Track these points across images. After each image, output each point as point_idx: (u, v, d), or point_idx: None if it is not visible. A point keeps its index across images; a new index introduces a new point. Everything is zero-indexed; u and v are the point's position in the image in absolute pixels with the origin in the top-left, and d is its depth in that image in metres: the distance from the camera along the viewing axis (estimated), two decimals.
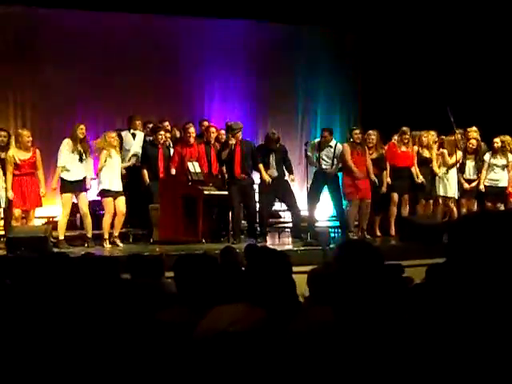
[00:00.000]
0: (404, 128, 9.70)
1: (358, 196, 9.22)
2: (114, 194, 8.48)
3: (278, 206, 10.14)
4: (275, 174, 9.08)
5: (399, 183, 9.56)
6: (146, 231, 9.14)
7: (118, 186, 8.54)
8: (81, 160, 8.38)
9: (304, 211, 9.38)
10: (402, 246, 8.55)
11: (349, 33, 13.40)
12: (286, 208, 9.64)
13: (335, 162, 9.28)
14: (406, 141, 9.63)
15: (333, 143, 9.38)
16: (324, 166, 9.26)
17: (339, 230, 9.68)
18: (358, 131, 9.44)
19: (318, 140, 9.56)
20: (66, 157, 8.35)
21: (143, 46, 11.87)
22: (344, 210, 9.36)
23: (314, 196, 9.26)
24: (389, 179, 9.55)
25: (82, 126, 8.52)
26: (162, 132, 9.35)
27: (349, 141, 9.47)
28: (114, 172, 8.52)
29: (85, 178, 8.46)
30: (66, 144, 8.41)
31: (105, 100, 11.61)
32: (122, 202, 8.51)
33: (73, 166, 8.34)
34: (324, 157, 9.29)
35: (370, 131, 9.68)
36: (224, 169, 9.26)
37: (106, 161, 8.47)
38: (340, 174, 9.44)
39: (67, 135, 8.63)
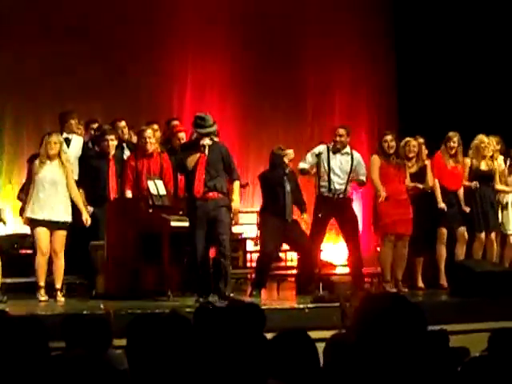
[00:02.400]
0: (450, 133, 9.77)
1: (396, 231, 9.26)
2: (47, 225, 8.45)
3: None
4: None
5: (448, 212, 9.62)
6: (85, 280, 9.13)
7: (54, 214, 8.47)
8: None
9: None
10: (453, 303, 8.57)
11: None
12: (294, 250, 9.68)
13: (349, 181, 9.34)
14: (453, 151, 9.70)
15: (348, 150, 9.44)
16: (336, 186, 9.29)
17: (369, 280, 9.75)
18: (390, 137, 9.49)
19: (323, 146, 9.54)
20: None
21: (91, 19, 12.01)
22: (360, 250, 9.42)
23: (318, 230, 9.31)
24: (443, 205, 9.57)
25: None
26: (111, 136, 9.33)
27: (378, 150, 9.52)
28: (49, 193, 8.47)
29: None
30: None
31: (26, 92, 11.67)
32: (57, 236, 8.49)
33: None
34: (336, 169, 9.31)
35: (409, 138, 9.75)
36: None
37: (36, 175, 8.49)
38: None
39: None
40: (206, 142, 8.28)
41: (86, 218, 8.63)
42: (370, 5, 13.68)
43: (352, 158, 9.37)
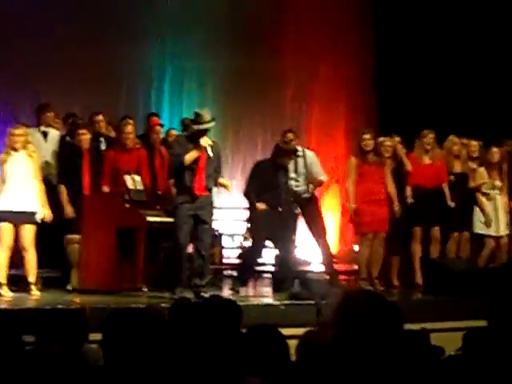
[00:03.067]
0: (425, 131, 9.82)
1: (373, 229, 9.31)
2: (14, 218, 8.37)
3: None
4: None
5: (424, 210, 9.65)
6: (60, 274, 9.09)
7: (23, 205, 8.42)
8: None
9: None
10: (428, 302, 8.61)
11: None
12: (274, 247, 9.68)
13: (309, 181, 9.38)
14: (429, 147, 9.73)
15: (300, 151, 9.49)
16: (296, 189, 9.34)
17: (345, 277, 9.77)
18: (368, 135, 9.51)
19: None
20: None
21: (64, 7, 11.93)
22: (329, 248, 9.45)
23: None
24: (410, 200, 9.63)
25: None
26: (83, 130, 9.24)
27: (357, 149, 9.54)
28: (17, 185, 8.41)
29: None
30: None
31: (5, 81, 11.59)
32: (27, 230, 8.42)
33: None
34: (292, 173, 9.38)
35: (384, 138, 9.79)
36: (171, 182, 9.19)
37: (3, 167, 8.42)
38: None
39: None
40: (208, 142, 8.21)
41: (46, 214, 8.51)
42: (350, 2, 13.70)
43: (305, 158, 9.42)
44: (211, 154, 8.26)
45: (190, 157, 8.15)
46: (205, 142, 8.15)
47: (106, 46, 12.21)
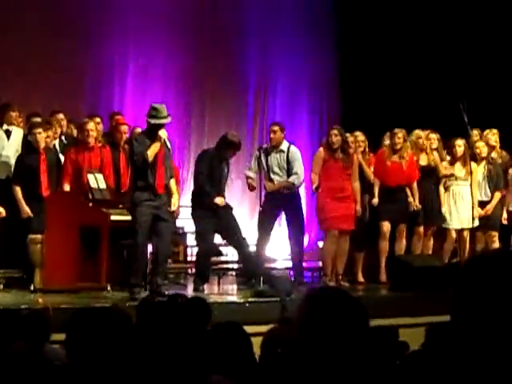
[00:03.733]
0: (396, 130, 9.86)
1: (339, 226, 9.34)
2: None
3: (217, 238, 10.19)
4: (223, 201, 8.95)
5: (390, 207, 9.70)
6: (23, 274, 9.02)
7: None
8: None
9: (253, 246, 9.46)
10: (393, 298, 8.67)
11: None
12: (229, 244, 9.66)
13: (292, 173, 9.38)
14: (399, 147, 9.77)
15: (285, 146, 9.50)
16: (277, 182, 9.36)
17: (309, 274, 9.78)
18: (335, 131, 9.54)
19: (265, 146, 9.68)
20: None
21: (27, 8, 11.82)
22: (302, 246, 9.48)
23: (265, 226, 9.37)
24: (376, 200, 9.69)
25: None
26: (39, 129, 9.16)
27: (324, 145, 9.57)
28: None
29: None
30: None
31: None
32: None
33: None
34: (274, 167, 9.40)
35: (358, 132, 9.83)
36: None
37: None
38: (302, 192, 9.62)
39: None
40: (166, 134, 8.20)
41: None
42: (315, 3, 13.74)
43: (288, 153, 9.44)
44: (169, 146, 8.32)
45: (152, 151, 8.11)
46: (163, 133, 8.15)
47: (69, 45, 12.10)
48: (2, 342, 4.16)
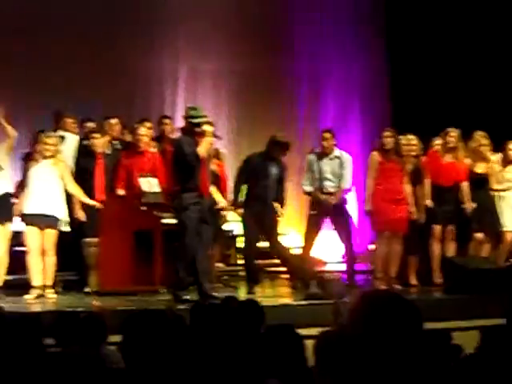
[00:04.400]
0: (449, 129, 9.78)
1: (391, 228, 9.30)
2: (37, 222, 8.46)
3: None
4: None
5: (442, 209, 9.64)
6: (78, 277, 9.13)
7: (45, 209, 8.51)
8: None
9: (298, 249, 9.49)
10: (447, 300, 8.60)
11: None
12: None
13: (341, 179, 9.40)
14: (452, 145, 9.70)
15: (337, 152, 9.55)
16: (330, 190, 9.39)
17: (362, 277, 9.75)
18: (388, 133, 9.54)
19: (311, 154, 9.65)
20: None
21: (78, 15, 11.96)
22: (353, 249, 9.46)
23: (312, 229, 9.41)
24: (429, 201, 9.61)
25: None
26: (97, 135, 9.29)
27: (378, 147, 9.54)
28: (42, 190, 8.50)
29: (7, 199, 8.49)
30: None
31: (25, 88, 11.64)
32: (48, 234, 8.50)
33: None
34: (328, 174, 9.42)
35: (411, 136, 9.78)
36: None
37: (29, 172, 8.51)
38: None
39: None
40: (211, 129, 8.24)
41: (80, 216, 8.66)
42: (362, 4, 13.69)
43: (341, 160, 9.47)
44: (221, 137, 8.49)
45: (204, 148, 8.12)
46: (208, 127, 8.19)
47: (121, 49, 12.23)
48: (61, 344, 4.23)
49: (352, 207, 10.00)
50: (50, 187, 8.58)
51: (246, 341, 3.64)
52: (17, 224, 8.84)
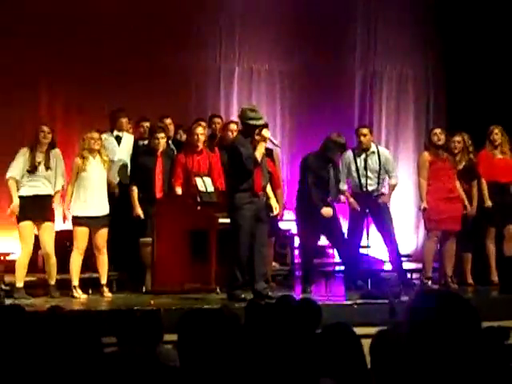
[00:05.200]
0: (491, 126, 9.70)
1: (444, 228, 9.21)
2: (90, 223, 8.56)
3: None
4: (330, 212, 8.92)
5: (497, 207, 9.50)
6: (135, 276, 9.21)
7: (97, 210, 8.62)
8: (43, 176, 8.48)
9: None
10: (503, 300, 8.49)
11: None
12: (332, 245, 9.65)
13: (381, 179, 9.36)
14: (498, 142, 9.61)
15: (374, 147, 9.50)
16: (369, 187, 9.38)
17: (416, 276, 9.67)
18: (439, 130, 9.47)
19: (348, 152, 9.51)
20: (20, 167, 8.46)
21: (131, 15, 12.03)
22: (397, 247, 9.39)
23: (355, 226, 9.42)
24: (489, 202, 9.51)
25: (45, 128, 8.62)
26: (161, 134, 9.39)
27: (427, 145, 9.47)
28: (93, 190, 8.61)
29: (49, 200, 8.56)
30: (24, 153, 8.55)
31: (78, 89, 11.77)
32: (100, 234, 8.60)
33: (31, 183, 8.46)
34: (367, 171, 9.38)
35: (464, 133, 9.68)
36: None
37: (78, 174, 8.58)
38: None
39: (26, 137, 8.79)
40: (268, 133, 8.22)
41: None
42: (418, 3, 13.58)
43: (379, 155, 9.42)
44: (277, 143, 8.48)
45: (259, 152, 8.13)
46: (266, 133, 8.15)
47: (175, 48, 12.28)
48: (118, 343, 4.26)
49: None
50: (100, 186, 8.68)
51: (302, 340, 3.63)
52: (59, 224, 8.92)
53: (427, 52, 13.55)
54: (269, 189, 8.66)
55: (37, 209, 8.45)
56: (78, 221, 8.56)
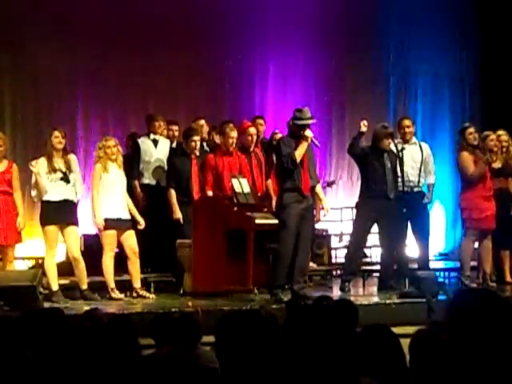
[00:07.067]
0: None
1: (480, 225, 9.14)
2: (118, 225, 8.57)
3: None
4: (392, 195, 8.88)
5: None
6: (172, 278, 9.23)
7: (121, 212, 8.63)
8: (65, 180, 8.47)
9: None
10: None
11: None
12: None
13: (422, 173, 9.27)
14: None
15: (415, 140, 9.43)
16: (410, 177, 9.25)
17: (453, 275, 9.59)
18: (472, 129, 9.36)
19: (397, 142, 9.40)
20: (43, 179, 8.42)
21: (166, 18, 12.07)
22: (427, 249, 9.31)
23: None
24: None
25: (57, 133, 8.55)
26: (197, 137, 9.40)
27: (464, 146, 9.37)
28: (116, 193, 8.63)
29: (73, 205, 8.59)
30: (41, 163, 8.46)
31: (114, 93, 11.84)
32: (131, 236, 8.61)
33: (54, 189, 8.47)
34: (409, 160, 9.26)
35: (501, 131, 9.59)
36: (269, 183, 9.22)
37: (101, 178, 8.61)
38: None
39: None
40: (311, 133, 8.22)
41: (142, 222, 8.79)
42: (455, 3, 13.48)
43: (421, 147, 9.39)
44: (318, 144, 8.47)
45: (299, 152, 8.15)
46: (309, 133, 8.18)
47: (209, 50, 12.30)
48: (156, 345, 4.27)
49: None
50: (121, 191, 8.71)
51: (341, 340, 3.61)
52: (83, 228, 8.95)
53: (463, 52, 13.46)
54: (319, 189, 8.67)
55: (61, 213, 8.45)
56: (106, 224, 8.57)
